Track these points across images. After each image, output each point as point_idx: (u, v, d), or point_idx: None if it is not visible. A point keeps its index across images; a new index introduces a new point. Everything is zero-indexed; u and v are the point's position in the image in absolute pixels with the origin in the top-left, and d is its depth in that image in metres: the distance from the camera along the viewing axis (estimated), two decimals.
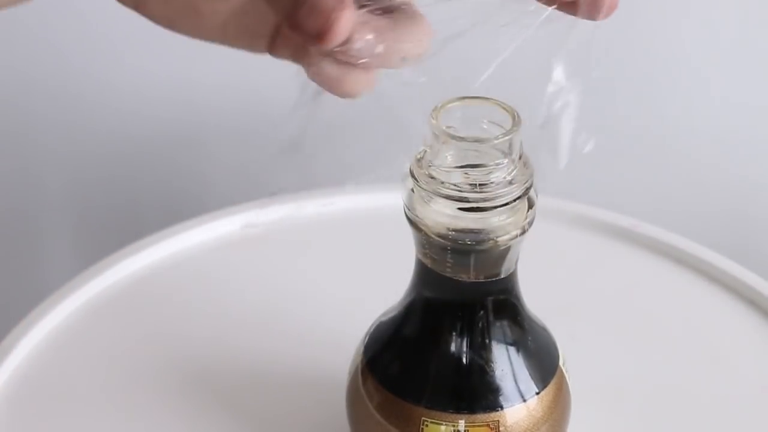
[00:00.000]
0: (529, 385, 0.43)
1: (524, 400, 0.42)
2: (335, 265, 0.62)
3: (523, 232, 0.40)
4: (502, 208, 0.39)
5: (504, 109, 0.39)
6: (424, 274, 0.42)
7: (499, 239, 0.39)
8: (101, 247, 0.71)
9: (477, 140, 0.38)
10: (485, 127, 0.39)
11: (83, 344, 0.56)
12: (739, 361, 0.56)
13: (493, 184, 0.38)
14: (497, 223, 0.39)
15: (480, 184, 0.38)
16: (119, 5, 0.36)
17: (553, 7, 0.33)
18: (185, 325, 0.57)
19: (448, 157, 0.39)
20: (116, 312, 0.58)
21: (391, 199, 0.43)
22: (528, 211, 0.40)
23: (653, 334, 0.57)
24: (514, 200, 0.39)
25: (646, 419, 0.52)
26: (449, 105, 0.39)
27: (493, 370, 0.42)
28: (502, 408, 0.42)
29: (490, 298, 0.42)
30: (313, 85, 0.34)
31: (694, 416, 0.52)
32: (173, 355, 0.55)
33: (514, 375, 0.43)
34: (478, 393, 0.42)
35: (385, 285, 0.47)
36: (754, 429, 0.52)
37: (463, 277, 0.40)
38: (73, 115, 0.88)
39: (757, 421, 0.52)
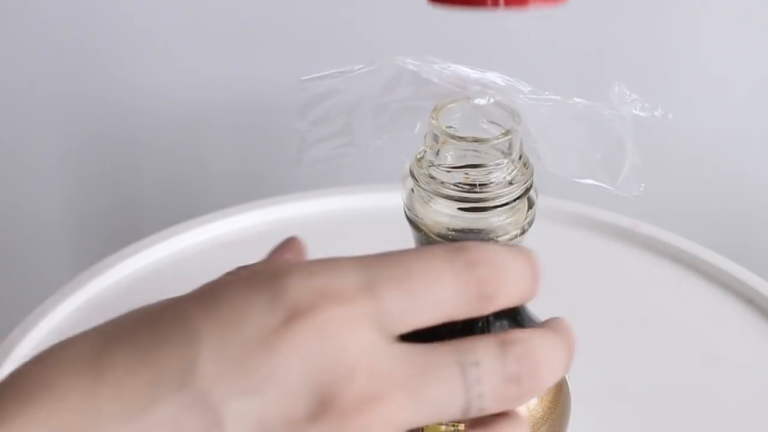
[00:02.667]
0: None
1: None
2: None
3: (523, 232, 0.40)
4: (502, 208, 0.39)
5: (503, 109, 0.39)
6: None
7: (499, 239, 0.39)
8: (102, 246, 0.71)
9: (477, 140, 0.38)
10: (485, 127, 0.39)
11: None
12: (738, 360, 0.56)
13: (493, 184, 0.38)
14: (497, 223, 0.39)
15: (480, 184, 0.38)
16: (118, 4, 0.37)
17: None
18: None
19: (448, 157, 0.39)
20: (117, 312, 0.58)
21: (391, 199, 0.43)
22: (528, 211, 0.40)
23: (653, 333, 0.57)
24: (514, 200, 0.39)
25: (646, 419, 0.52)
26: (449, 105, 0.39)
27: None
28: None
29: None
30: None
31: (694, 416, 0.52)
32: None
33: None
34: None
35: None
36: (753, 428, 0.52)
37: None
38: (73, 114, 0.88)
39: (757, 421, 0.52)
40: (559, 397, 0.44)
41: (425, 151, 0.39)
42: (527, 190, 0.39)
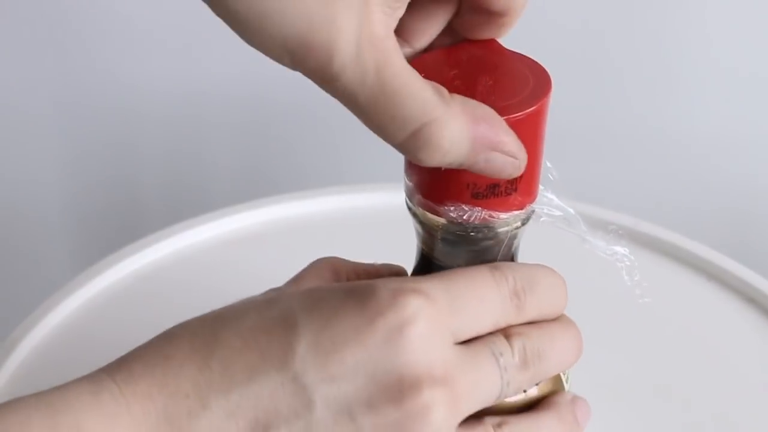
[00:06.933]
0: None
1: None
2: None
3: (523, 224, 0.40)
4: None
5: None
6: (425, 265, 0.42)
7: (498, 231, 0.39)
8: (103, 245, 0.71)
9: None
10: None
11: (85, 342, 0.56)
12: (739, 359, 0.56)
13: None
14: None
15: None
16: (117, 4, 0.37)
17: None
18: None
19: None
20: (118, 310, 0.58)
21: (392, 199, 0.43)
22: None
23: (653, 332, 0.57)
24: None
25: (646, 419, 0.52)
26: None
27: None
28: None
29: None
30: None
31: (694, 415, 0.52)
32: None
33: None
34: None
35: None
36: (754, 428, 0.52)
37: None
38: (73, 113, 0.88)
39: (758, 421, 0.52)
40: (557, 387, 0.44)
41: None
42: None
